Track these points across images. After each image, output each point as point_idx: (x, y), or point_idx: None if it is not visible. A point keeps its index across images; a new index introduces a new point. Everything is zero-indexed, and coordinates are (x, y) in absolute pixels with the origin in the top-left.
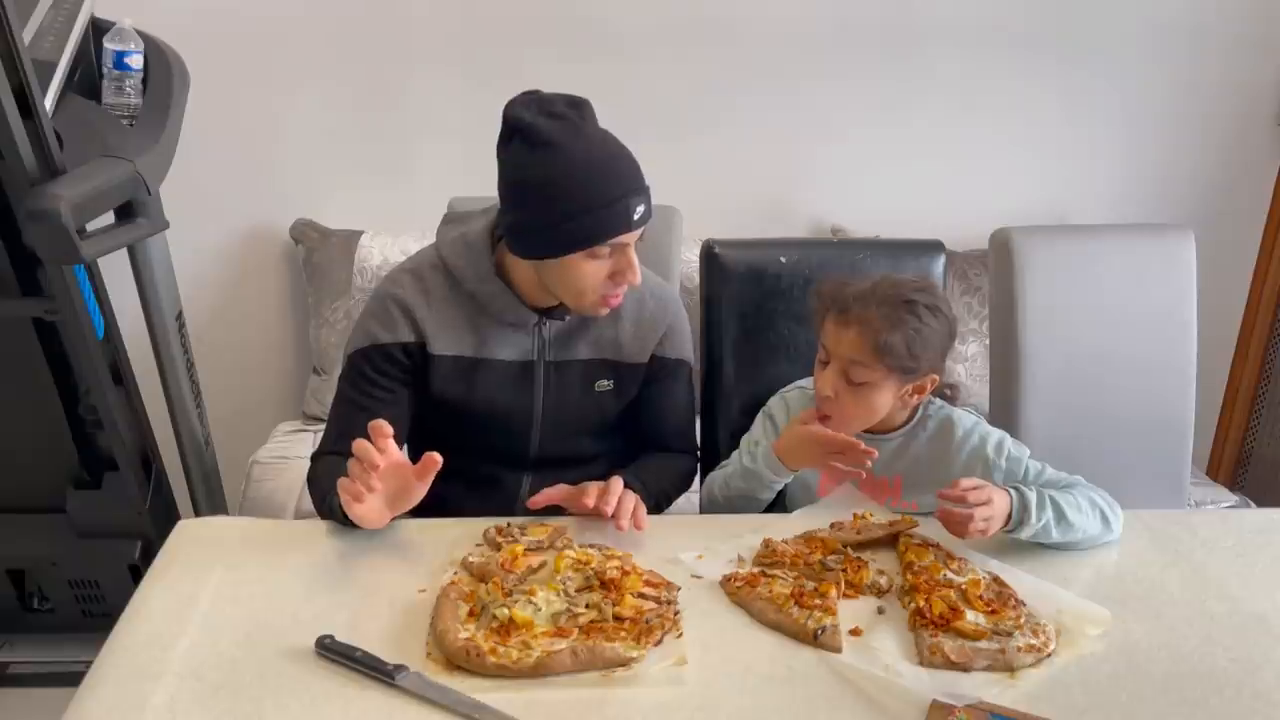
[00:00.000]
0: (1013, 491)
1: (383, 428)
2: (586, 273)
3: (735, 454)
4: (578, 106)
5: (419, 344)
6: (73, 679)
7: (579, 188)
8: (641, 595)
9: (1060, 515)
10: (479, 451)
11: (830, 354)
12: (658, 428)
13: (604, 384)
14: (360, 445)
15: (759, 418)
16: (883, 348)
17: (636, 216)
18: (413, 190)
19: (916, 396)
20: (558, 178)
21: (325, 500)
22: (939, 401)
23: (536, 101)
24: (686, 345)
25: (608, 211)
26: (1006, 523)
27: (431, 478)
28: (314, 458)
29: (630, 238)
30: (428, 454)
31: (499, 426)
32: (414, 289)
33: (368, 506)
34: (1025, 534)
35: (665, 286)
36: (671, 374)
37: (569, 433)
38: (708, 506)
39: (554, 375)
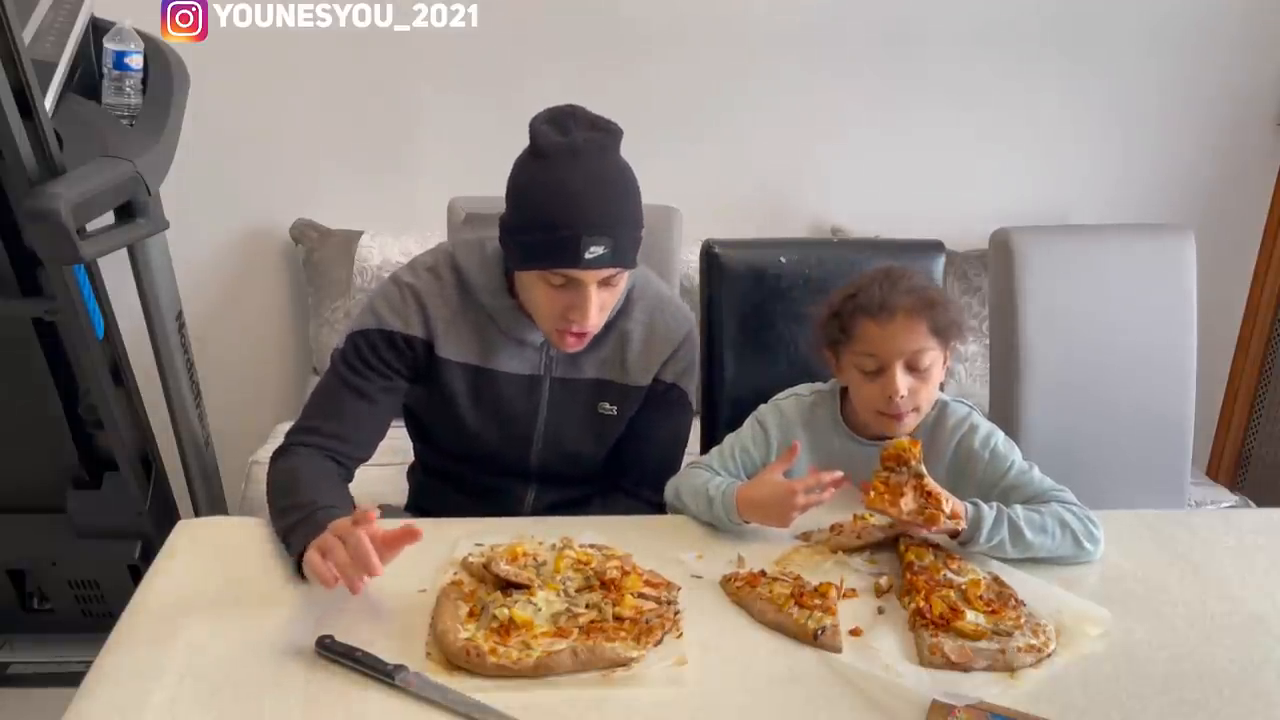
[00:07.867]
0: (969, 507)
1: (369, 513)
2: (539, 296)
3: (713, 455)
4: (599, 129)
5: (426, 342)
6: (73, 679)
7: (537, 205)
8: (641, 595)
9: (1017, 536)
10: (481, 461)
11: (883, 358)
12: (638, 462)
13: (607, 407)
14: (359, 546)
15: (749, 422)
16: (938, 321)
17: (589, 256)
18: (413, 190)
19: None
20: (527, 189)
21: (284, 538)
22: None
23: (561, 114)
24: (690, 378)
25: (554, 239)
26: (957, 535)
27: (399, 550)
28: (281, 451)
29: (584, 276)
30: (406, 528)
31: (499, 437)
32: (431, 286)
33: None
34: (975, 549)
35: (683, 311)
36: (665, 402)
37: (569, 450)
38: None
39: (559, 392)
